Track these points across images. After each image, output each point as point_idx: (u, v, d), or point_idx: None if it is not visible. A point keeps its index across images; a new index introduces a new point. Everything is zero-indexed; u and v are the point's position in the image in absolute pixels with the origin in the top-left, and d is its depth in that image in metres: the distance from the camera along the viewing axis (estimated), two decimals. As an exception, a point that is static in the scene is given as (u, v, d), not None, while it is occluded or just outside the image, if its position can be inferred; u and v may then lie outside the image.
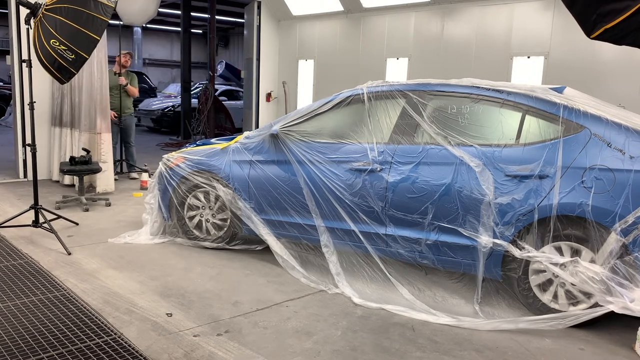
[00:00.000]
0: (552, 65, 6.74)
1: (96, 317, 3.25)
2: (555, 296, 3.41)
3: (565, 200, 3.30)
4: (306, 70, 9.75)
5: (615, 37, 2.68)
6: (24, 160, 7.49)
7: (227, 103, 14.51)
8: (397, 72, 8.22)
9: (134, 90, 8.20)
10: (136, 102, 16.74)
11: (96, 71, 6.74)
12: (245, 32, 10.80)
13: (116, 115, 7.75)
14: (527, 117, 3.60)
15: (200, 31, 25.30)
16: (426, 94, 3.95)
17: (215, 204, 4.69)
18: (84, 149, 6.32)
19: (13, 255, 4.35)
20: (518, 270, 3.49)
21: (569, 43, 6.60)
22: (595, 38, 2.72)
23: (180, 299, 3.66)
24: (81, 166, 6.07)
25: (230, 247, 4.69)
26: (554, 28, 6.71)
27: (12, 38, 7.21)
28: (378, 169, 3.88)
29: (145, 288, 3.82)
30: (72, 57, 4.43)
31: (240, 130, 11.82)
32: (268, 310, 3.51)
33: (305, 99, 9.74)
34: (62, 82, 4.75)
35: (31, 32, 4.56)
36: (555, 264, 3.29)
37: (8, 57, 7.88)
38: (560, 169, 3.36)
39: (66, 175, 7.03)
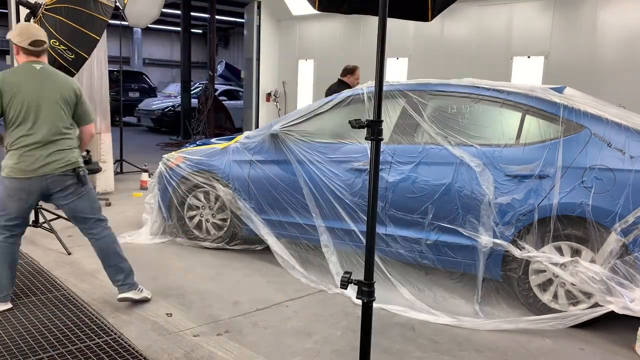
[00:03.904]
0: (552, 65, 6.74)
1: (96, 317, 3.25)
2: (555, 296, 3.42)
3: (565, 200, 3.30)
4: (306, 70, 9.75)
5: None
6: (24, 160, 7.48)
7: (227, 103, 14.51)
8: (397, 72, 8.22)
9: None
10: (136, 102, 16.83)
11: (96, 71, 6.74)
12: (245, 32, 10.80)
13: None
14: (527, 117, 3.60)
15: (200, 31, 25.29)
16: (426, 94, 3.95)
17: (215, 204, 4.69)
18: (84, 149, 6.31)
19: (13, 255, 4.35)
20: (518, 270, 3.49)
21: (569, 43, 6.60)
22: None
23: (180, 299, 3.66)
24: (81, 166, 6.06)
25: (230, 247, 4.69)
26: (554, 28, 6.71)
27: (12, 38, 7.19)
28: (378, 169, 3.88)
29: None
30: (72, 57, 4.44)
31: (240, 130, 11.82)
32: (268, 310, 3.51)
33: (305, 99, 9.74)
34: (62, 82, 4.74)
35: (31, 32, 4.55)
36: (556, 264, 3.29)
37: (8, 57, 7.87)
38: (560, 169, 3.36)
39: (66, 175, 7.01)
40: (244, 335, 3.15)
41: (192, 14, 15.03)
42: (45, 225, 4.77)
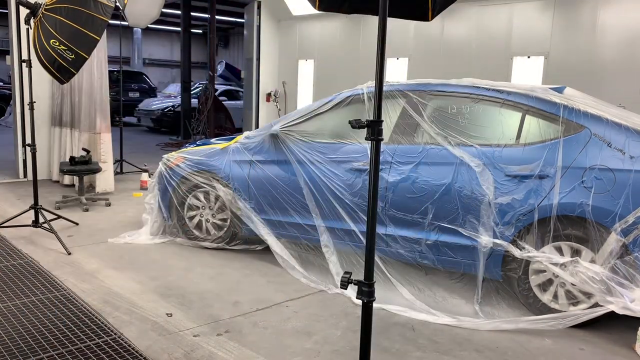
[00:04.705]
0: (552, 65, 6.74)
1: (96, 317, 3.25)
2: (555, 296, 3.42)
3: (565, 200, 3.30)
4: (306, 70, 9.75)
5: None
6: (24, 160, 7.49)
7: (227, 103, 14.51)
8: (397, 72, 8.22)
9: None
10: (136, 102, 16.82)
11: (96, 71, 6.74)
12: (245, 32, 10.80)
13: None
14: (527, 117, 3.60)
15: (200, 31, 25.30)
16: (426, 94, 3.95)
17: (215, 204, 4.69)
18: (84, 149, 6.32)
19: (13, 255, 4.35)
20: (518, 270, 3.49)
21: (569, 43, 6.60)
22: None
23: (180, 299, 3.66)
24: (81, 166, 6.07)
25: (230, 247, 4.69)
26: (554, 28, 6.71)
27: (12, 38, 7.21)
28: (378, 169, 3.88)
29: (145, 288, 3.82)
30: (72, 57, 4.43)
31: (240, 130, 11.82)
32: (268, 310, 3.51)
33: (305, 99, 9.74)
34: (62, 82, 4.75)
35: (31, 32, 4.56)
36: (556, 264, 3.29)
37: (8, 57, 7.88)
38: (560, 169, 3.36)
39: (66, 175, 7.03)
40: (244, 335, 3.15)
41: (192, 14, 15.03)
42: (45, 225, 4.77)
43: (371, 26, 8.60)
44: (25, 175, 7.50)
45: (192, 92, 14.62)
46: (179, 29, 17.43)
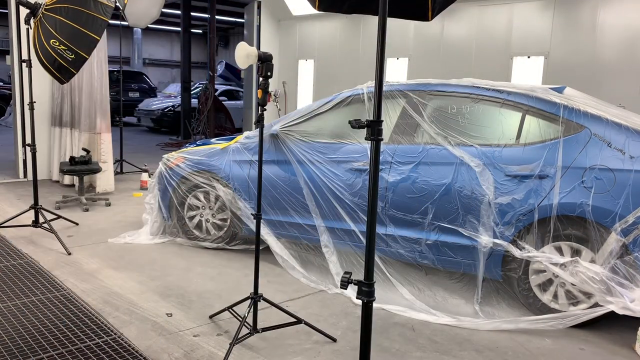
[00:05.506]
0: (552, 65, 6.74)
1: (96, 317, 3.25)
2: (555, 296, 3.42)
3: (565, 200, 3.31)
4: (306, 70, 9.75)
5: None
6: (24, 160, 7.49)
7: (227, 103, 14.51)
8: (397, 72, 8.22)
9: None
10: (136, 102, 16.82)
11: (96, 71, 6.74)
12: (245, 32, 10.80)
13: None
14: (527, 117, 3.60)
15: (200, 31, 25.31)
16: (426, 94, 3.95)
17: (215, 204, 4.69)
18: (84, 149, 6.32)
19: (13, 255, 4.35)
20: (518, 270, 3.49)
21: (569, 43, 6.60)
22: None
23: (180, 299, 3.66)
24: (81, 166, 6.07)
25: (230, 247, 4.69)
26: (554, 28, 6.71)
27: (12, 38, 7.21)
28: (378, 169, 3.88)
29: (145, 288, 3.82)
30: (72, 57, 4.43)
31: (240, 130, 11.82)
32: (268, 310, 3.51)
33: (305, 99, 9.74)
34: (62, 82, 4.75)
35: (31, 32, 4.56)
36: (556, 264, 3.29)
37: (8, 57, 7.88)
38: (560, 169, 3.36)
39: (66, 175, 7.03)
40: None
41: (192, 14, 15.03)
42: (45, 225, 4.77)
43: (371, 26, 8.60)
44: (25, 175, 7.50)
45: (192, 92, 14.62)
46: (179, 29, 17.43)
